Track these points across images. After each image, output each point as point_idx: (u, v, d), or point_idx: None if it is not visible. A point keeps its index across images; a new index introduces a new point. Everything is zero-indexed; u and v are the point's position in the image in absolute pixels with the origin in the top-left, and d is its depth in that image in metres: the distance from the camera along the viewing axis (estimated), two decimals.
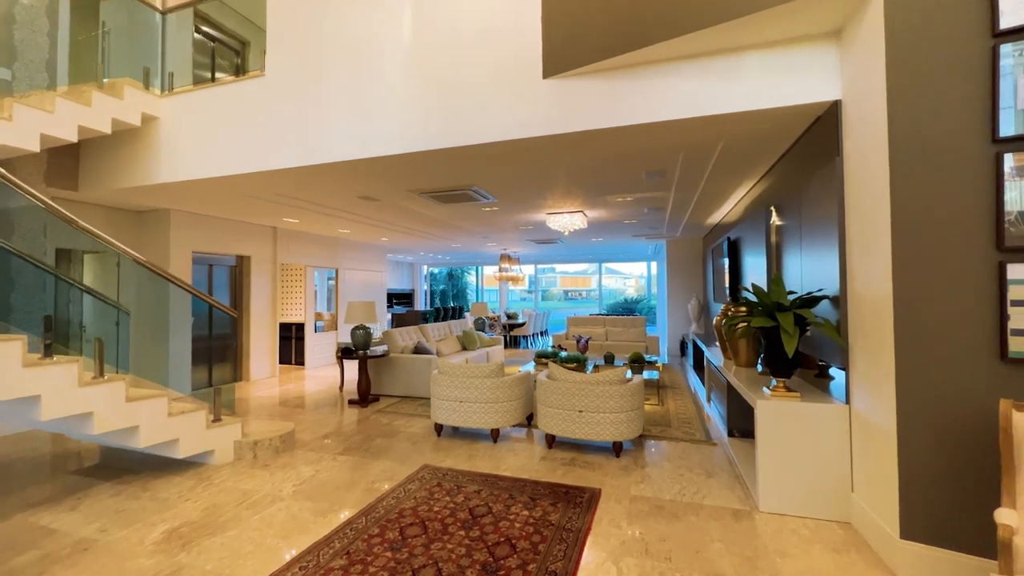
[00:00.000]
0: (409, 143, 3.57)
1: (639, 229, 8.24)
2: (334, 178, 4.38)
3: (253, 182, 4.45)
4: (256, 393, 6.20)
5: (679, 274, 9.59)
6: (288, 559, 2.31)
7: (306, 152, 3.88)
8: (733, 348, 4.03)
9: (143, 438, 3.16)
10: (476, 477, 3.31)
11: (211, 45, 5.51)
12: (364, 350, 5.56)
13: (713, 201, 5.69)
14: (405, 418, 4.93)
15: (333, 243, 8.86)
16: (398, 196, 5.38)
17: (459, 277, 22.43)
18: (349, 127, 3.76)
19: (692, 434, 4.29)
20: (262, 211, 6.15)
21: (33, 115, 3.62)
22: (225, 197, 5.17)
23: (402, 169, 4.14)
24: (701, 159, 3.91)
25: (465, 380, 4.13)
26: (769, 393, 2.88)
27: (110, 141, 4.63)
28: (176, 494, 3.07)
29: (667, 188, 5.06)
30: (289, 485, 3.21)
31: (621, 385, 3.73)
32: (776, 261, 4.03)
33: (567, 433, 3.80)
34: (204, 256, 6.50)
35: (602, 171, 4.34)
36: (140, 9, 4.71)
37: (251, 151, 4.08)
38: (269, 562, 2.29)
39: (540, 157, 3.82)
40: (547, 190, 5.17)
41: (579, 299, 30.13)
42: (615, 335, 9.19)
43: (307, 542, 2.47)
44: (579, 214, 6.49)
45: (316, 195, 5.22)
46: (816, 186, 3.06)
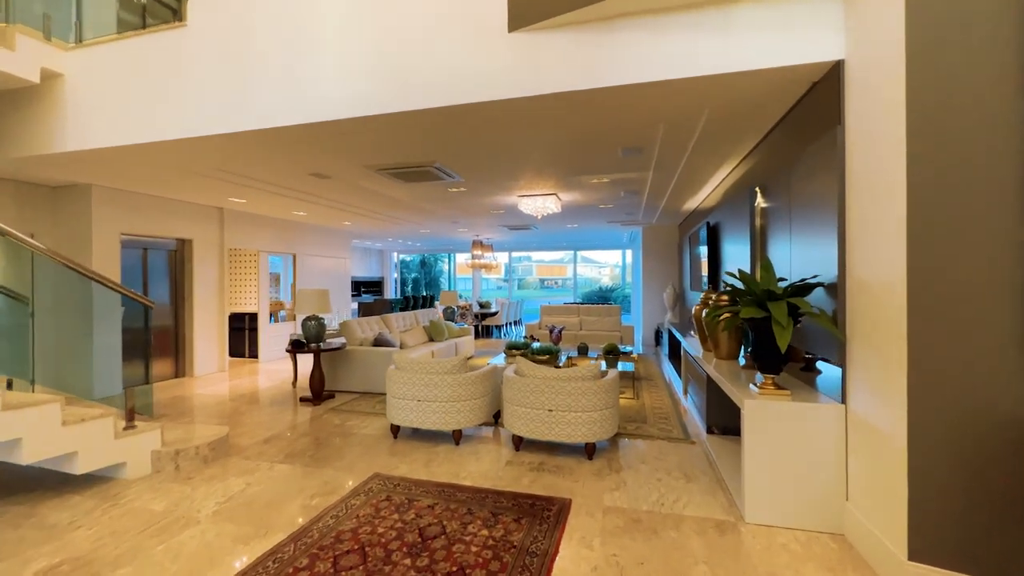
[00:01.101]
0: (353, 106, 3.08)
1: (615, 215, 7.92)
2: (271, 148, 3.84)
3: (176, 152, 3.87)
4: (199, 391, 5.63)
5: (655, 262, 9.36)
6: None
7: (233, 116, 3.35)
8: (714, 339, 3.75)
9: (27, 453, 2.63)
10: (432, 488, 2.93)
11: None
12: (317, 343, 5.07)
13: (692, 184, 5.39)
14: (361, 417, 4.49)
15: (289, 226, 8.21)
16: (353, 173, 4.87)
17: (432, 265, 21.83)
18: (282, 88, 3.23)
19: (669, 431, 4.02)
20: (203, 189, 5.51)
21: None
22: (151, 170, 4.54)
23: (350, 139, 3.64)
24: (683, 132, 3.56)
25: (424, 377, 3.72)
26: (757, 391, 2.59)
27: (19, 103, 3.94)
28: (68, 519, 2.57)
29: (645, 168, 4.72)
30: (211, 503, 2.75)
31: (594, 381, 3.40)
32: (761, 247, 3.75)
33: (536, 435, 3.45)
34: (137, 239, 5.82)
35: (576, 147, 3.95)
36: None
37: (171, 115, 3.50)
38: None
39: (506, 128, 3.40)
40: (517, 169, 4.75)
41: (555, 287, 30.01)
42: (590, 324, 8.92)
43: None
44: (552, 197, 6.10)
45: (258, 171, 4.65)
46: (809, 161, 2.76)
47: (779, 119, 3.24)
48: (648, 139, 3.75)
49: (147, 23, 4.05)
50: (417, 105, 2.97)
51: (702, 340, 4.16)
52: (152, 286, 6.03)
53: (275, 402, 5.07)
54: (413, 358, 3.84)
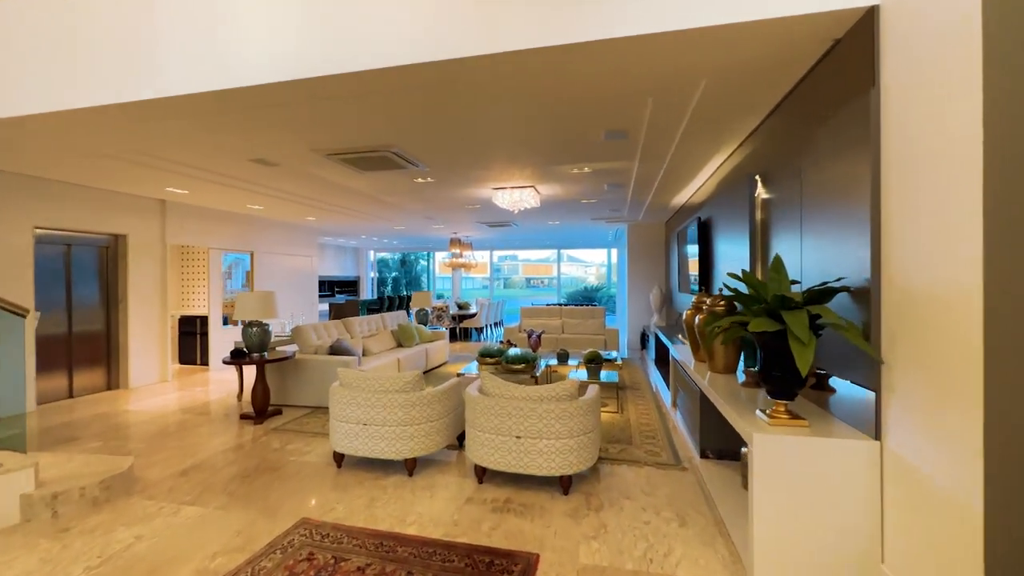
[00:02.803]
0: (278, 70, 2.50)
1: (599, 211, 7.44)
2: (185, 124, 3.22)
3: (67, 127, 3.22)
4: (129, 406, 4.96)
5: (640, 261, 8.91)
6: None
7: (130, 82, 2.73)
8: (708, 349, 3.25)
9: None
10: (368, 540, 2.37)
11: None
12: (259, 352, 4.45)
13: (682, 175, 4.91)
14: (306, 439, 3.90)
15: (245, 221, 7.53)
16: (302, 160, 4.27)
17: (413, 264, 21.18)
18: (190, 48, 2.63)
19: (657, 454, 3.52)
20: (133, 177, 4.84)
21: None
22: (42, 148, 3.85)
23: (284, 114, 3.06)
24: (674, 111, 3.06)
25: (371, 396, 3.15)
26: (767, 420, 2.09)
27: None
28: None
29: (631, 156, 4.22)
30: (78, 570, 2.15)
31: (571, 402, 2.87)
32: (763, 244, 3.27)
33: (502, 466, 2.91)
34: (58, 234, 5.12)
35: (552, 128, 3.42)
36: None
37: (61, 76, 2.87)
38: None
39: (467, 102, 2.85)
40: (487, 156, 4.20)
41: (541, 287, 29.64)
42: (572, 327, 8.43)
43: None
44: (530, 190, 5.57)
45: (185, 154, 4.02)
46: (828, 140, 2.27)
47: (788, 91, 2.74)
48: (634, 119, 3.24)
49: None
50: (351, 67, 2.40)
51: (694, 349, 3.67)
52: (78, 287, 5.33)
53: (212, 420, 4.44)
54: (357, 372, 3.27)
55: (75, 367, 5.29)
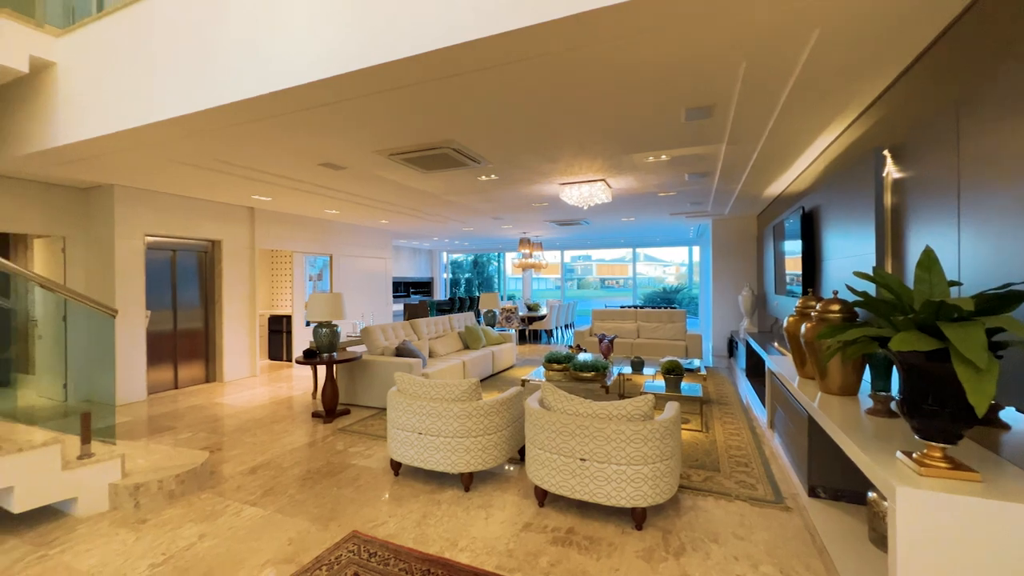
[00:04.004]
0: (324, 67, 2.41)
1: (679, 205, 6.79)
2: (249, 129, 3.29)
3: (155, 139, 3.44)
4: (220, 399, 5.36)
5: (727, 260, 8.04)
6: None
7: (195, 93, 2.82)
8: (818, 365, 2.67)
9: None
10: (415, 564, 2.18)
11: None
12: (329, 352, 4.55)
13: (780, 158, 4.22)
14: (369, 442, 3.87)
15: (324, 226, 7.92)
16: (367, 162, 4.28)
17: (485, 265, 21.40)
18: (244, 54, 2.65)
19: (752, 487, 2.97)
20: (223, 186, 5.22)
21: None
22: (144, 162, 4.20)
23: (336, 114, 3.00)
24: (774, 74, 2.53)
25: (426, 404, 2.99)
26: (914, 467, 1.56)
27: (16, 97, 3.76)
28: None
29: (716, 138, 3.67)
30: (144, 566, 2.20)
31: (645, 424, 2.47)
32: (893, 237, 2.61)
33: (564, 490, 2.59)
34: (165, 241, 5.68)
35: (623, 110, 3.03)
36: None
37: (143, 97, 3.06)
38: None
39: (529, 86, 2.57)
40: (553, 147, 3.90)
41: (616, 287, 28.70)
42: (649, 332, 7.81)
43: None
44: (600, 183, 5.17)
45: (258, 160, 4.19)
46: (1007, 85, 1.67)
47: (940, 32, 2.12)
48: (722, 91, 2.75)
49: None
50: (396, 54, 2.23)
51: (798, 362, 3.06)
52: (181, 289, 5.88)
53: (286, 416, 4.62)
54: (413, 378, 3.13)
55: (180, 361, 5.84)
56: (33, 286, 5.00)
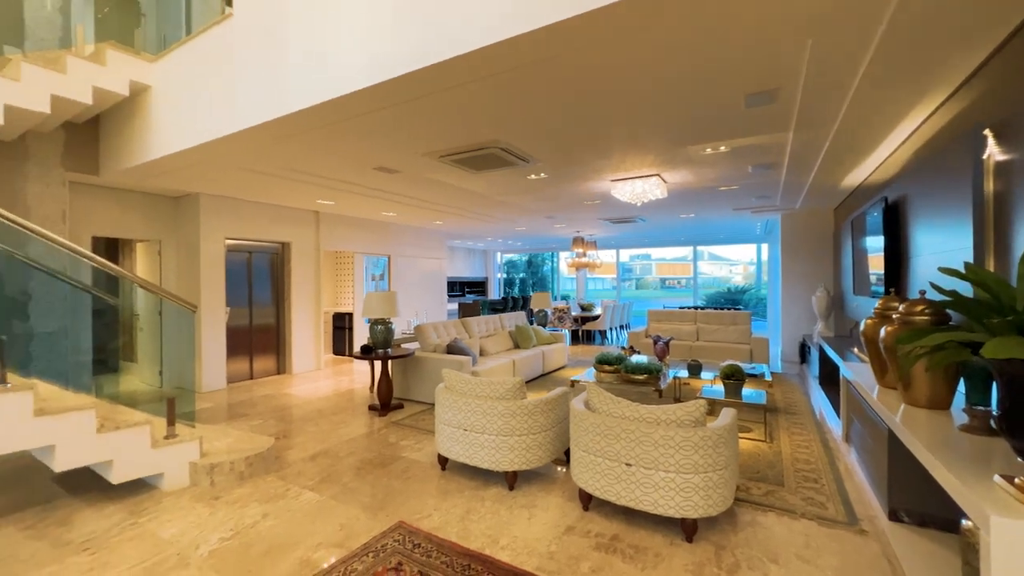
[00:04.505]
0: (372, 74, 2.51)
1: (742, 199, 6.37)
2: (312, 137, 3.49)
3: (231, 149, 3.75)
4: (288, 389, 5.76)
5: (799, 258, 7.43)
6: None
7: (265, 105, 3.04)
8: (901, 374, 2.38)
9: (60, 459, 2.57)
10: (457, 559, 2.21)
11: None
12: (383, 348, 4.74)
13: (858, 144, 3.83)
14: (419, 436, 3.99)
15: (382, 228, 8.28)
16: (418, 164, 4.41)
17: (539, 265, 21.38)
18: (305, 67, 2.82)
19: (822, 506, 2.71)
20: (291, 192, 5.61)
21: None
22: (223, 171, 4.60)
23: (386, 119, 3.11)
24: (847, 51, 2.29)
25: (471, 401, 3.02)
26: (1016, 493, 1.34)
27: (121, 117, 4.28)
28: (82, 537, 2.43)
29: (782, 125, 3.40)
30: (215, 539, 2.40)
31: (696, 430, 2.33)
32: (996, 229, 2.27)
33: (609, 495, 2.51)
34: (243, 243, 6.21)
35: (677, 98, 2.88)
36: None
37: (222, 111, 3.36)
38: None
39: (569, 78, 2.52)
40: (602, 143, 3.80)
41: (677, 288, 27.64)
42: (709, 334, 7.40)
43: None
44: (654, 179, 4.96)
45: (320, 166, 4.45)
46: None
47: None
48: (786, 72, 2.53)
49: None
50: (438, 56, 2.27)
51: (878, 370, 2.75)
52: (256, 287, 6.39)
53: (345, 408, 4.87)
54: (459, 375, 3.17)
55: (255, 354, 6.36)
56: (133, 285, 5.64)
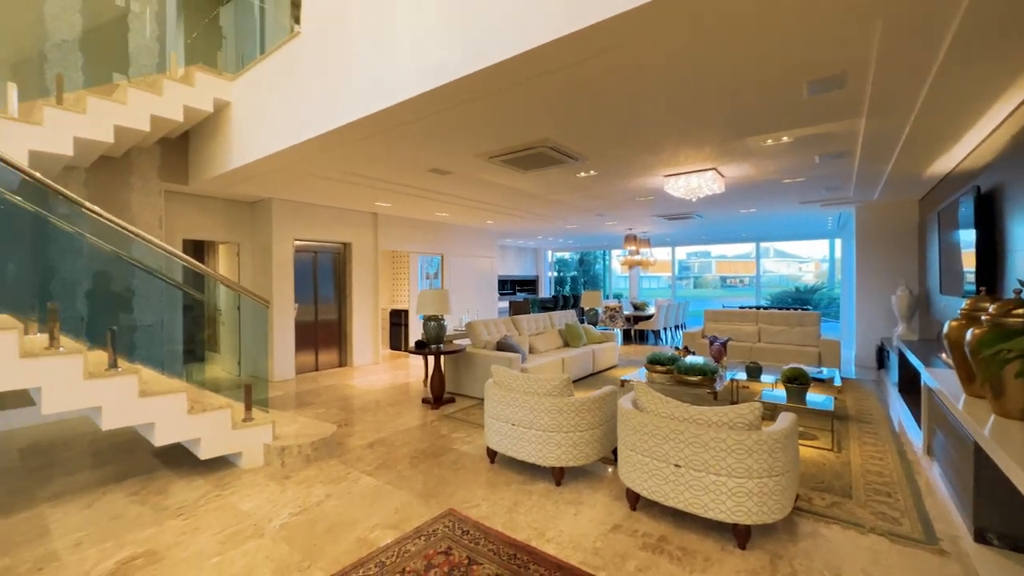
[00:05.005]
0: (427, 78, 2.63)
1: (810, 191, 5.96)
2: (368, 143, 3.70)
3: (299, 157, 4.06)
4: (349, 381, 6.13)
5: (877, 254, 6.83)
6: None
7: (327, 115, 3.28)
8: (992, 381, 2.15)
9: (159, 436, 2.93)
10: (503, 547, 2.27)
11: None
12: (436, 344, 4.92)
13: (943, 129, 3.47)
14: (469, 429, 4.11)
15: (435, 228, 8.56)
16: (469, 165, 4.54)
17: (591, 263, 21.10)
18: (363, 78, 3.00)
19: (896, 521, 2.51)
20: (351, 195, 5.96)
21: (104, 106, 3.71)
22: (292, 177, 4.97)
23: (440, 123, 3.23)
24: (925, 28, 2.10)
25: (519, 397, 3.09)
26: None
27: (206, 132, 4.76)
28: (177, 504, 2.75)
29: (852, 112, 3.16)
30: (285, 513, 2.64)
31: (750, 433, 2.25)
32: None
33: (657, 496, 2.48)
34: (309, 244, 6.67)
35: (731, 88, 2.78)
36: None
37: (292, 121, 3.65)
38: None
39: (617, 73, 2.51)
40: (653, 138, 3.73)
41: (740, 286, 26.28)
42: (772, 336, 6.99)
43: None
44: (710, 173, 4.78)
45: (379, 170, 4.69)
46: None
47: None
48: (852, 55, 2.37)
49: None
50: (485, 61, 2.34)
51: (964, 376, 2.50)
52: (320, 285, 6.85)
53: (400, 401, 5.11)
54: (508, 371, 3.24)
55: (320, 347, 6.81)
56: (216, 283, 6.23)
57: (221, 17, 5.02)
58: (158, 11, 4.70)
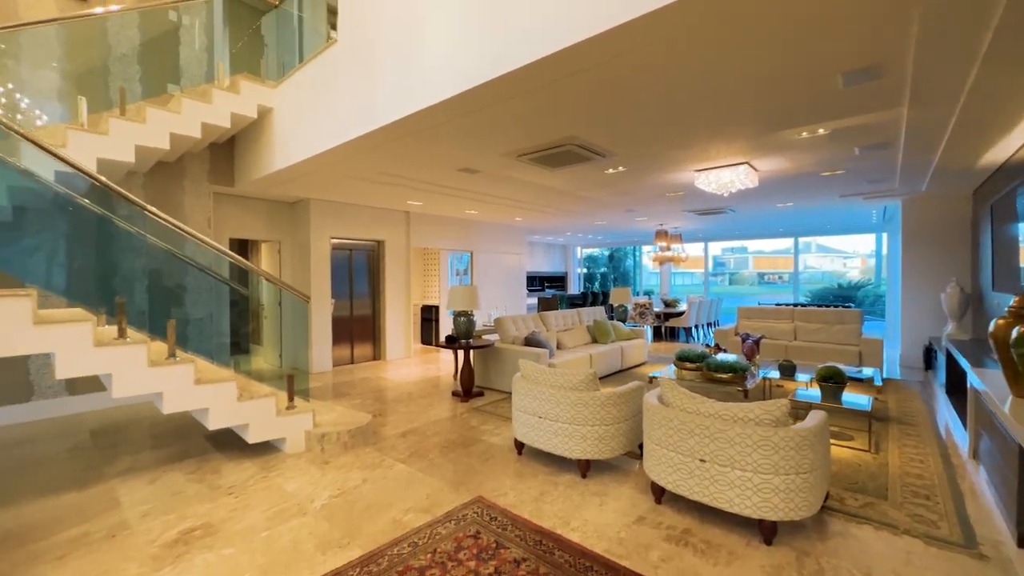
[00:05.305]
0: (458, 82, 2.73)
1: (851, 184, 5.74)
2: (401, 145, 3.84)
3: (335, 159, 4.25)
4: (383, 374, 6.36)
5: (925, 249, 6.49)
6: None
7: (361, 120, 3.43)
8: None
9: (213, 420, 3.17)
10: (529, 534, 2.36)
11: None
12: (466, 339, 5.05)
13: (994, 116, 3.29)
14: (497, 422, 4.22)
15: (465, 225, 8.71)
16: (498, 164, 4.63)
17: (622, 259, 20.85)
18: (398, 81, 3.13)
19: (933, 523, 2.44)
20: (384, 195, 6.17)
21: (161, 116, 4.00)
22: (329, 179, 5.20)
23: (469, 124, 3.33)
24: (964, 14, 2.03)
25: (545, 390, 3.16)
26: None
27: (251, 137, 5.05)
28: (229, 483, 2.98)
29: (891, 101, 3.05)
30: (326, 495, 2.82)
31: (776, 430, 2.24)
32: None
33: (682, 489, 2.50)
34: (345, 242, 6.94)
35: (763, 82, 2.74)
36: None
37: (330, 125, 3.83)
38: None
39: (644, 69, 2.53)
40: (681, 133, 3.70)
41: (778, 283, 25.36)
42: (809, 334, 6.76)
43: None
44: (742, 167, 4.68)
45: (410, 170, 4.84)
46: None
47: None
48: (889, 44, 2.30)
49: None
50: (515, 63, 2.41)
51: (1010, 378, 2.40)
52: (356, 282, 7.12)
53: (432, 393, 5.28)
54: (535, 366, 3.32)
55: (355, 341, 7.09)
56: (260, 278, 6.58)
57: (263, 26, 5.29)
58: (206, 23, 5.01)
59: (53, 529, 2.45)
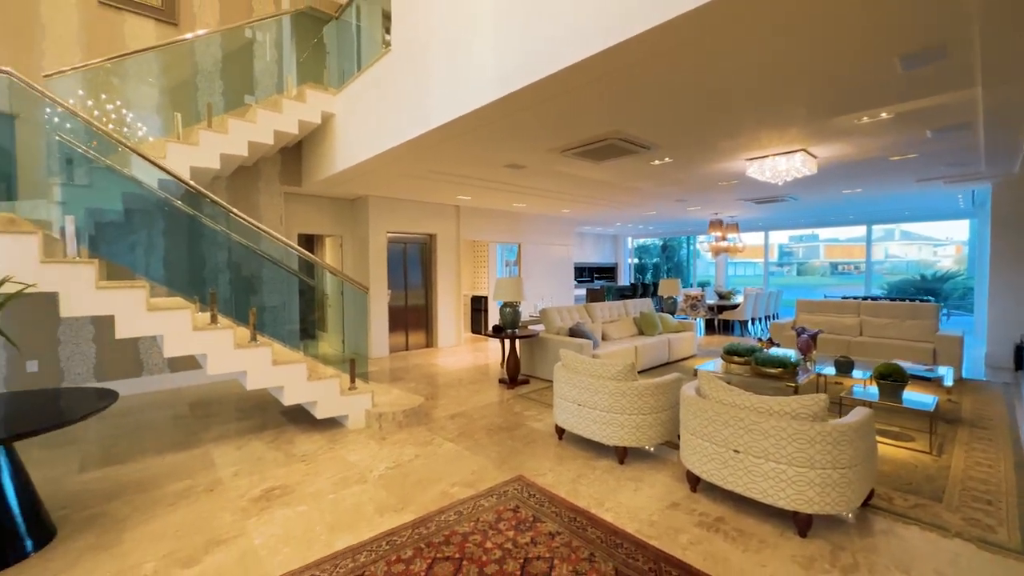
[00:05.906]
0: (502, 85, 2.89)
1: (926, 168, 5.30)
2: (450, 145, 4.06)
3: (390, 160, 4.55)
4: (434, 360, 6.73)
5: (1018, 236, 5.87)
6: (306, 563, 2.13)
7: (412, 124, 3.68)
8: None
9: (287, 397, 3.59)
10: (565, 511, 2.53)
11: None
12: (512, 329, 5.25)
13: None
14: (540, 408, 4.41)
15: (513, 218, 8.88)
16: (542, 159, 4.75)
17: (675, 249, 20.19)
18: (447, 86, 3.34)
19: (990, 529, 2.34)
20: (436, 190, 6.47)
21: (240, 126, 4.48)
22: (385, 177, 5.54)
23: (513, 123, 3.48)
24: None
25: (585, 379, 3.29)
26: None
27: (315, 140, 5.50)
28: (302, 452, 3.38)
29: (961, 81, 2.85)
30: (383, 467, 3.14)
31: (813, 424, 2.24)
32: None
33: (716, 479, 2.56)
34: (400, 236, 7.36)
35: (811, 70, 2.67)
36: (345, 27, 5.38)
37: (385, 128, 4.13)
38: (293, 559, 2.15)
39: (689, 63, 2.56)
40: (727, 122, 3.64)
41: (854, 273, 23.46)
42: (876, 329, 6.33)
43: (341, 543, 2.26)
44: (799, 154, 4.49)
45: (459, 168, 5.08)
46: None
47: None
48: (950, 23, 2.18)
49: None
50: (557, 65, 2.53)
51: None
52: (410, 273, 7.54)
53: (479, 380, 5.55)
54: (576, 355, 3.45)
55: (409, 329, 7.53)
56: (323, 271, 7.14)
57: (324, 35, 5.70)
58: (276, 38, 5.48)
59: (165, 481, 2.94)
